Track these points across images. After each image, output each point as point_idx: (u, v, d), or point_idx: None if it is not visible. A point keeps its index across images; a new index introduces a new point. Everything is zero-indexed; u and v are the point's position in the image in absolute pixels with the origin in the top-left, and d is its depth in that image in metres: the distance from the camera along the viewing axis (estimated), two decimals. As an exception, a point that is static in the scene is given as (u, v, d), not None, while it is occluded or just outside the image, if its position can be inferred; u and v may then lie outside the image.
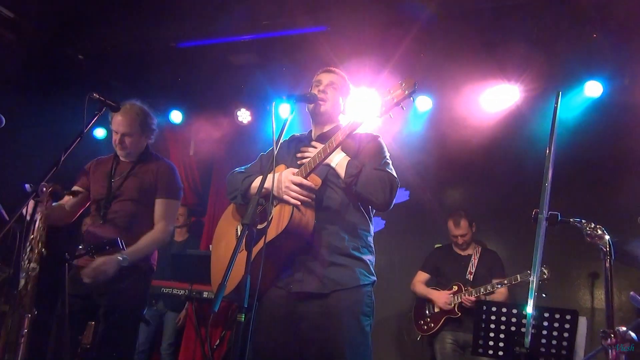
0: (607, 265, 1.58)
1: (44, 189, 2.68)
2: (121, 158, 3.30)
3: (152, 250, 3.15)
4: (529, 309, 1.35)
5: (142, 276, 3.11)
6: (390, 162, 2.52)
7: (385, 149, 2.56)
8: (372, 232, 2.55)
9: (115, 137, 3.22)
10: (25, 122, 4.82)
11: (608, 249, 1.60)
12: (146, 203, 3.17)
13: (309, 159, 2.38)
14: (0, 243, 2.23)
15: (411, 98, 2.10)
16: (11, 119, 2.72)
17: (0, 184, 2.93)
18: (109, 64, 5.61)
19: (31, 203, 2.39)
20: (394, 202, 2.41)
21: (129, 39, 5.17)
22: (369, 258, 2.48)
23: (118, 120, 3.17)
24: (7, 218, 2.52)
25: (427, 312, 4.58)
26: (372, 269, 2.47)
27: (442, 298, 4.45)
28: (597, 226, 1.68)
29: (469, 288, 4.37)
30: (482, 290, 4.28)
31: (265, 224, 2.28)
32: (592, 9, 4.26)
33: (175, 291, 5.00)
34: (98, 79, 5.62)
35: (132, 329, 3.11)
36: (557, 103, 1.59)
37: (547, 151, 1.54)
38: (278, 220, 2.29)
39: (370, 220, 2.55)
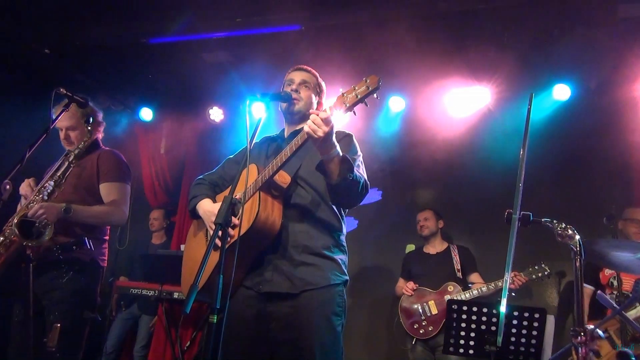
0: (577, 264, 1.60)
1: (7, 186, 2.61)
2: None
3: (99, 220, 3.00)
4: (502, 308, 1.36)
5: (84, 271, 2.96)
6: (361, 162, 2.51)
7: (357, 148, 2.54)
8: (344, 231, 2.53)
9: (61, 134, 3.15)
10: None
11: (578, 249, 1.63)
12: (84, 189, 3.07)
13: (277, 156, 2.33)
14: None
15: (375, 95, 2.08)
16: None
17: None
18: (77, 59, 5.46)
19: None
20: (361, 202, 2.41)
21: (98, 33, 5.04)
22: (341, 257, 2.45)
23: (60, 117, 3.04)
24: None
25: (421, 315, 4.41)
26: (343, 268, 2.44)
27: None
28: (568, 226, 1.70)
29: (483, 285, 4.34)
30: (499, 283, 4.21)
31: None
32: (559, 14, 4.36)
33: (145, 292, 4.91)
34: (65, 74, 5.47)
35: (76, 328, 2.90)
36: (530, 104, 1.60)
37: (521, 151, 1.55)
38: (246, 219, 2.26)
39: (343, 219, 2.53)
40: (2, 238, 2.81)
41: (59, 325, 2.68)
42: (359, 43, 4.72)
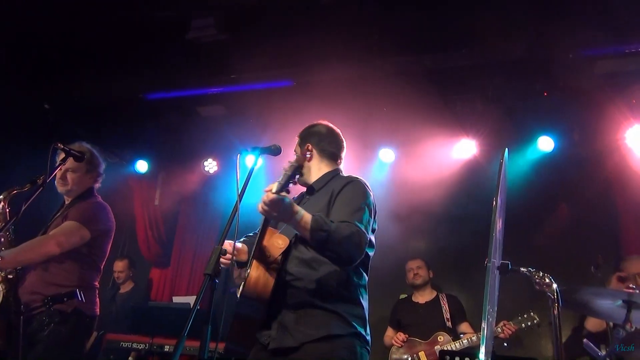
0: (555, 312, 1.65)
1: (2, 239, 2.65)
2: (64, 198, 3.20)
3: (29, 251, 2.86)
4: (481, 356, 1.39)
5: (65, 323, 2.87)
6: (364, 207, 2.42)
7: (361, 194, 2.48)
8: (353, 282, 2.45)
9: (58, 173, 3.09)
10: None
11: (555, 297, 1.68)
12: None
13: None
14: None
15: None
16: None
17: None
18: (75, 113, 5.61)
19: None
20: (359, 258, 2.34)
21: (97, 88, 5.20)
22: (345, 309, 2.38)
23: (63, 156, 3.05)
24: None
25: None
26: (349, 319, 2.37)
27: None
28: (545, 275, 1.75)
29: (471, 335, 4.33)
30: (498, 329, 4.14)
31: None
32: (541, 70, 4.57)
33: (135, 345, 4.83)
34: (64, 128, 5.60)
35: None
36: (502, 159, 1.70)
37: (494, 203, 1.63)
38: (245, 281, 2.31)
39: (348, 271, 2.43)
40: None
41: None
42: (348, 97, 4.87)
